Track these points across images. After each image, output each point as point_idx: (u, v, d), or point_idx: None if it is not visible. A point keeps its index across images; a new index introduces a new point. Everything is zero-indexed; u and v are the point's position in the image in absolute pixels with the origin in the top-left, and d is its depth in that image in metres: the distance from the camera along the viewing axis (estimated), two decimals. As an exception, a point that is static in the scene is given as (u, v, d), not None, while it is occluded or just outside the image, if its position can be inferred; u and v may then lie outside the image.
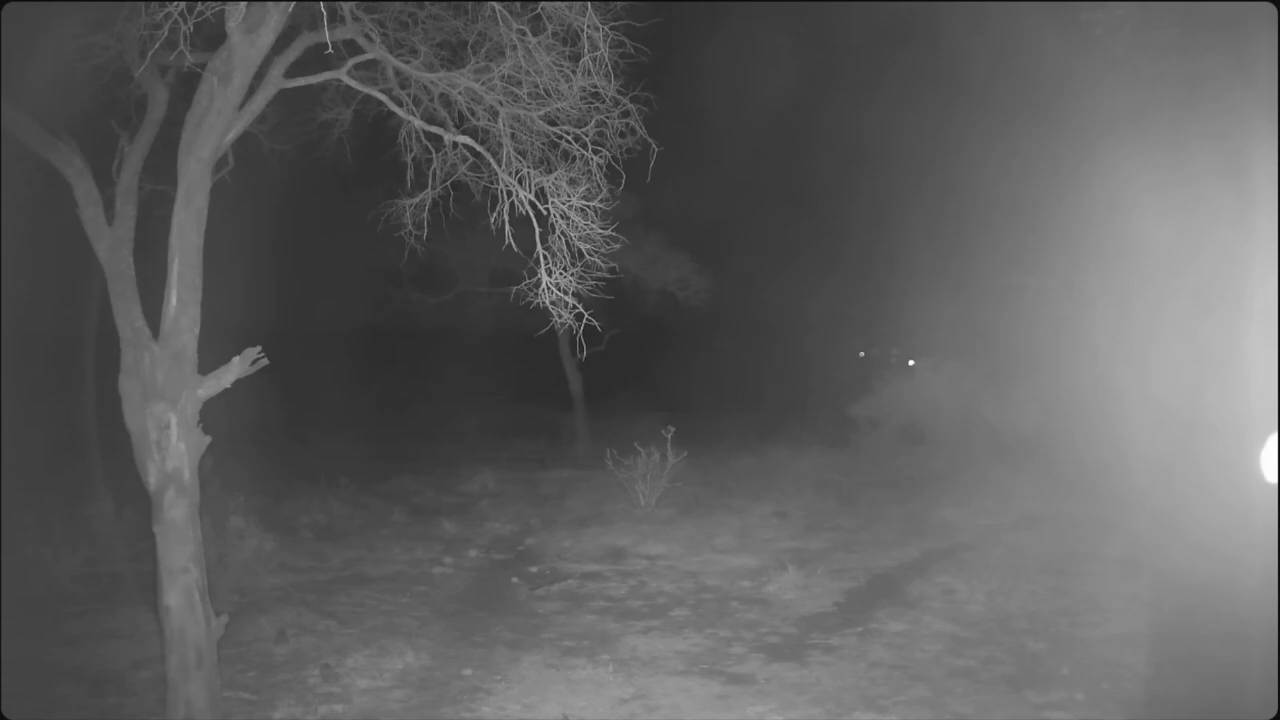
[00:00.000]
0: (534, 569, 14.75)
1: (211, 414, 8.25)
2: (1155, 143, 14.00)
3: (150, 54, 7.35)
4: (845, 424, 26.55)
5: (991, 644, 10.85)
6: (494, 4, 8.57)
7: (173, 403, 7.99)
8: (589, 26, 8.66)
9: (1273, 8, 8.74)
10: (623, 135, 9.37)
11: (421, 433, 31.61)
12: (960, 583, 13.14)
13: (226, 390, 8.19)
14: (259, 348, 8.10)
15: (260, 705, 9.28)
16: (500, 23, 8.61)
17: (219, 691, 8.33)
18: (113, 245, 8.20)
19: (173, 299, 8.02)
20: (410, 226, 9.77)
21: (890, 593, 13.08)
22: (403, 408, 36.25)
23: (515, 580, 14.10)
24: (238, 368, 8.10)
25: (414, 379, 38.05)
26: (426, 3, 9.30)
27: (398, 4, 9.23)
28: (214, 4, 6.95)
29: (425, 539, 16.44)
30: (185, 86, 8.42)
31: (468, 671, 10.27)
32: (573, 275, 8.91)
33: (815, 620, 12.06)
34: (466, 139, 9.02)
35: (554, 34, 8.78)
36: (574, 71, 8.87)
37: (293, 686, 9.78)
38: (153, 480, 8.06)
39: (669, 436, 18.71)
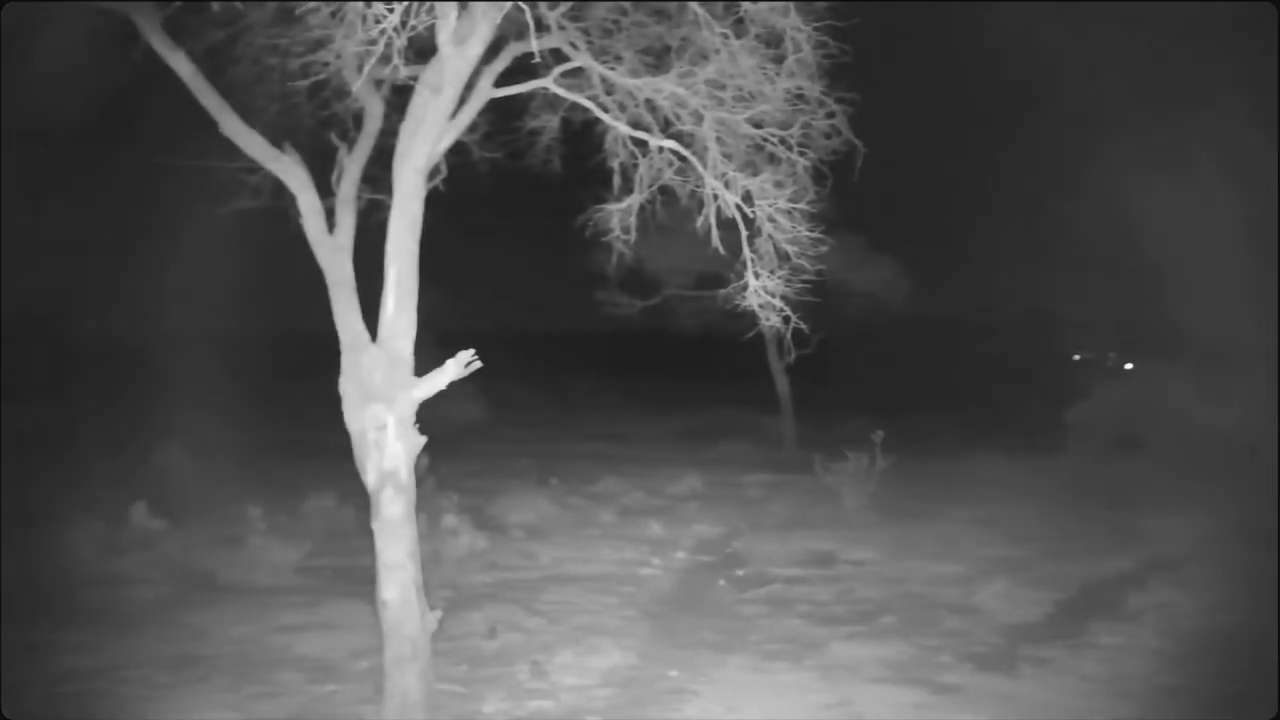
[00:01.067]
0: (740, 572, 14.72)
1: (425, 414, 8.50)
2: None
3: (366, 69, 7.61)
4: (1056, 429, 25.64)
5: (1208, 663, 10.31)
6: (696, 9, 8.56)
7: (390, 404, 8.26)
8: (792, 28, 8.58)
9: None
10: (828, 136, 9.24)
11: (625, 434, 31.88)
12: (1178, 596, 12.54)
13: (439, 391, 8.42)
14: (472, 351, 8.28)
15: (470, 698, 9.52)
16: (703, 27, 8.59)
17: (432, 683, 8.59)
18: (333, 252, 8.52)
19: (390, 303, 8.30)
20: (618, 231, 9.85)
21: (1103, 604, 12.59)
22: (606, 409, 36.66)
23: (721, 583, 14.10)
24: (452, 370, 8.30)
25: (619, 380, 38.47)
26: (630, 6, 9.34)
27: (602, 12, 9.31)
28: (426, 20, 7.14)
29: (632, 540, 16.54)
30: (399, 99, 8.70)
31: (673, 673, 10.31)
32: (780, 278, 8.85)
33: (1024, 631, 11.71)
34: (672, 143, 9.03)
35: (757, 36, 8.71)
36: (778, 74, 8.79)
37: (502, 681, 9.99)
38: (371, 478, 8.36)
39: (878, 441, 18.43)
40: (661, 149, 9.23)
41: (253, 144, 8.25)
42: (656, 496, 20.92)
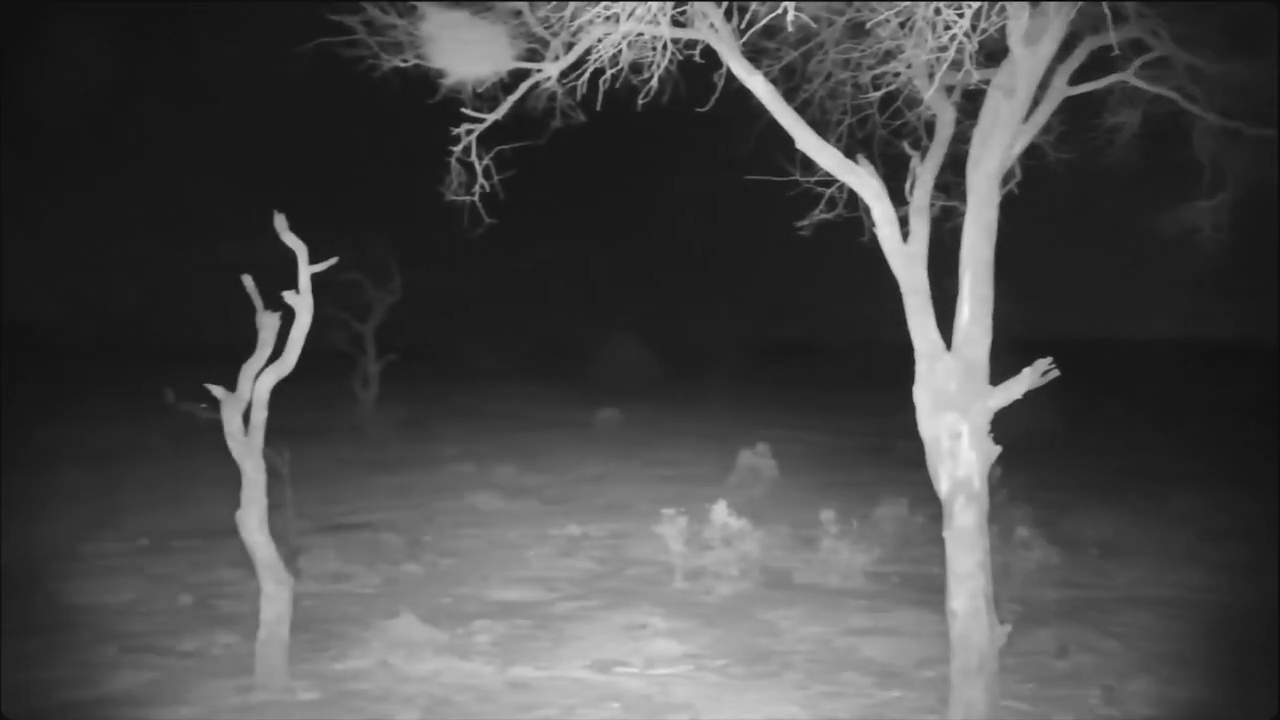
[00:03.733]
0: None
1: (1000, 423, 8.35)
2: None
3: (938, 76, 7.61)
4: None
5: None
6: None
7: (964, 412, 8.21)
8: None
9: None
10: None
11: (1212, 451, 29.34)
12: None
13: (1015, 400, 8.24)
14: (1049, 359, 8.05)
15: (1035, 718, 9.22)
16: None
17: (997, 698, 8.41)
18: (907, 261, 8.57)
19: (965, 311, 8.25)
20: (1208, 230, 9.16)
21: None
22: (1193, 419, 33.94)
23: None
24: (1028, 378, 8.11)
25: (1213, 391, 35.50)
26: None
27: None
28: (996, 21, 7.03)
29: (1214, 566, 15.03)
30: (971, 104, 8.62)
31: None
32: None
33: None
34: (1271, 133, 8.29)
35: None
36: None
37: (1071, 704, 9.59)
38: (944, 487, 8.34)
39: None
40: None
41: (828, 157, 8.48)
42: (1242, 519, 19.00)
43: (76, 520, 17.21)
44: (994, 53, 7.85)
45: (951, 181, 8.77)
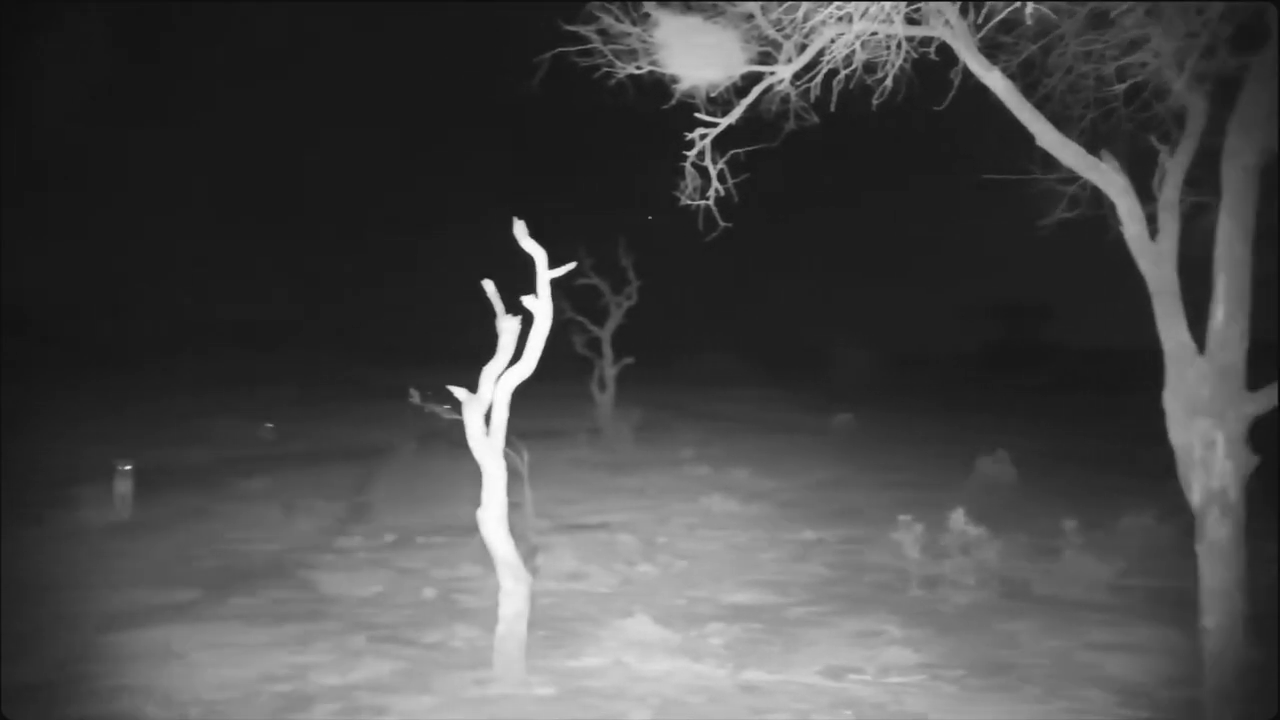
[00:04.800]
0: None
1: (1261, 432, 7.90)
2: None
3: (1189, 65, 7.25)
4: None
5: None
6: None
7: (1219, 419, 7.80)
8: None
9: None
10: None
11: None
12: None
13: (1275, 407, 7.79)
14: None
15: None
16: None
17: (1258, 724, 7.95)
18: (1155, 260, 8.21)
19: (1219, 313, 7.85)
20: None
21: None
22: None
23: None
24: (1293, 384, 7.67)
25: None
26: None
27: None
28: (1252, 2, 6.65)
29: None
30: (1225, 93, 8.15)
31: None
32: None
33: None
34: None
35: None
36: None
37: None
38: (1196, 498, 7.94)
39: None
40: None
41: (1069, 154, 8.19)
42: None
43: (331, 516, 18.14)
44: (1251, 38, 7.40)
45: (1203, 176, 8.32)
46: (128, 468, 17.40)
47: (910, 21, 8.20)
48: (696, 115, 9.01)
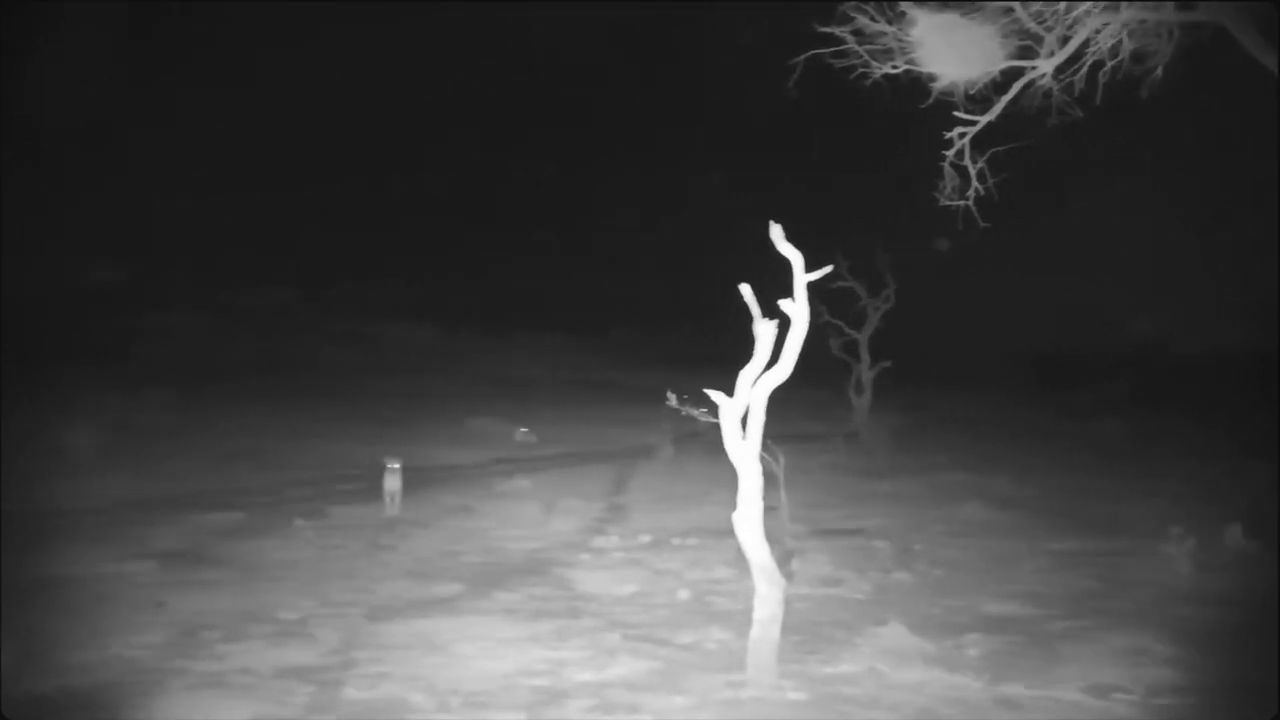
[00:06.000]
0: None
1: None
2: None
3: None
4: None
5: None
6: None
7: None
8: None
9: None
10: None
11: None
12: None
13: None
14: None
15: None
16: None
17: None
18: None
19: None
20: None
21: None
22: None
23: None
24: None
25: None
26: None
27: None
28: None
29: None
30: None
31: None
32: None
33: None
34: None
35: None
36: None
37: None
38: None
39: None
40: None
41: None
42: None
43: (589, 516, 18.56)
44: None
45: None
46: (397, 466, 18.22)
47: (1183, 6, 7.82)
48: (955, 114, 8.84)
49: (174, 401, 29.28)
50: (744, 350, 10.04)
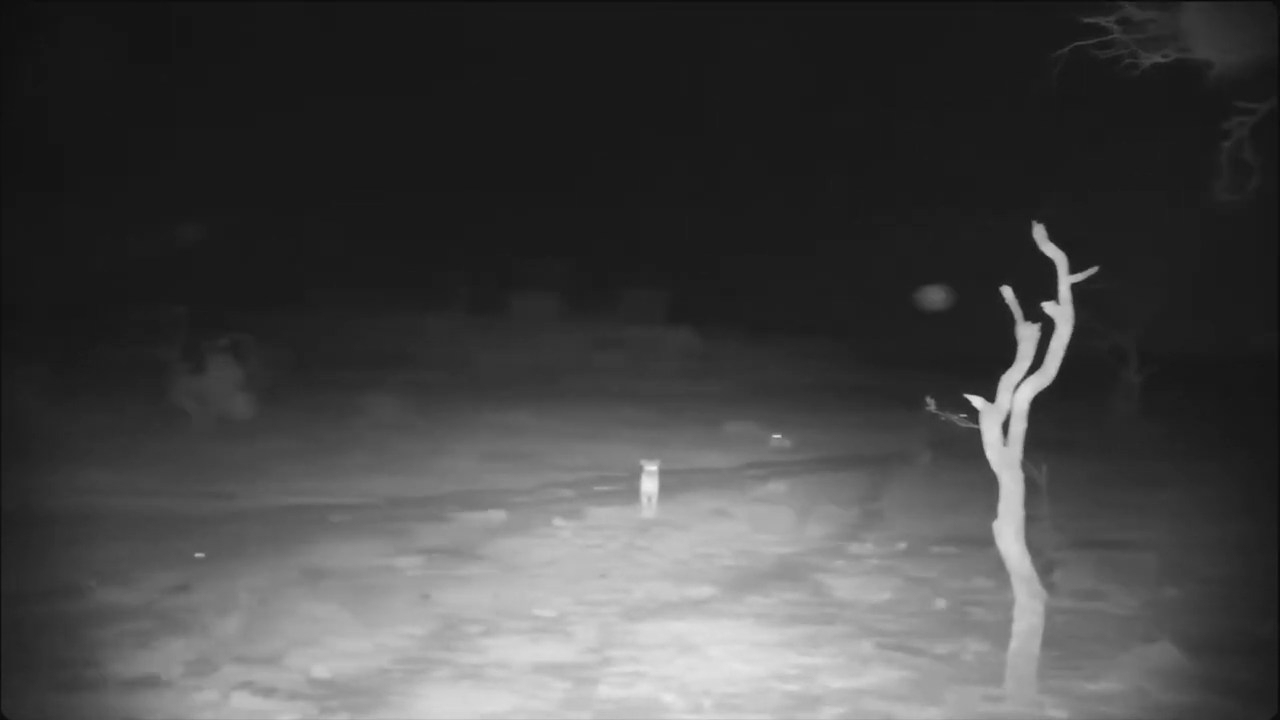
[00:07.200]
0: None
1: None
2: None
3: None
4: None
5: None
6: None
7: None
8: None
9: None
10: None
11: None
12: None
13: None
14: None
15: None
16: None
17: None
18: None
19: None
20: None
21: None
22: None
23: None
24: None
25: None
26: None
27: None
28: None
29: None
30: None
31: None
32: None
33: None
34: None
35: None
36: None
37: None
38: None
39: None
40: None
41: None
42: None
43: (844, 521, 18.39)
44: None
45: None
46: (654, 468, 18.47)
47: None
48: (1234, 103, 8.36)
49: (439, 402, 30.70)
50: (992, 353, 9.76)
